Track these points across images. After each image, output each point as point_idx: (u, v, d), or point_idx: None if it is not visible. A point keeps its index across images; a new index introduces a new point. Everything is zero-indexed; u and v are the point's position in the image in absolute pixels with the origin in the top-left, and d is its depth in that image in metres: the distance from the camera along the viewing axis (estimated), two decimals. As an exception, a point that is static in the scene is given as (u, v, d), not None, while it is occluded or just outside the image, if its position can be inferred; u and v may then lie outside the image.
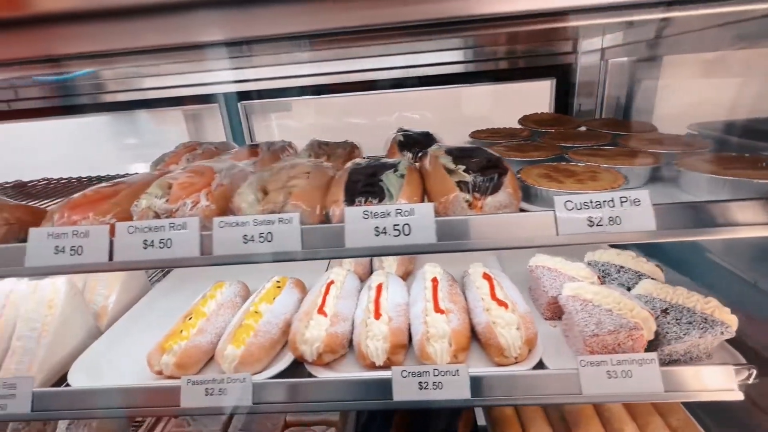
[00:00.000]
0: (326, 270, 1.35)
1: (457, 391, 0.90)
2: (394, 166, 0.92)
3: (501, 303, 1.05)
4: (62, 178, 1.77)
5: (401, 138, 1.20)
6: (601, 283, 1.10)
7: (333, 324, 1.05)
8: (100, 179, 1.69)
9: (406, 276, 1.39)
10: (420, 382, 0.91)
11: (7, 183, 1.72)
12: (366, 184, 0.84)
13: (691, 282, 1.18)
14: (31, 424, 1.26)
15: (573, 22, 0.78)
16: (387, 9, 0.64)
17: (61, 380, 1.08)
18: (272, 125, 2.25)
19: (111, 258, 0.80)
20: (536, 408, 1.25)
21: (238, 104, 1.88)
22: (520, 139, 1.33)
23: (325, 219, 0.84)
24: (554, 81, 1.75)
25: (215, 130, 2.19)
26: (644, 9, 0.67)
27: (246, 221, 0.79)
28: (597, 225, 0.74)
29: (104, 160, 2.99)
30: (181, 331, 1.07)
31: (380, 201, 0.81)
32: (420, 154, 1.15)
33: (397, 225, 0.77)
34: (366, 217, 0.77)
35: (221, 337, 1.10)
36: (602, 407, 1.18)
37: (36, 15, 0.62)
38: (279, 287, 1.23)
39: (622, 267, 1.12)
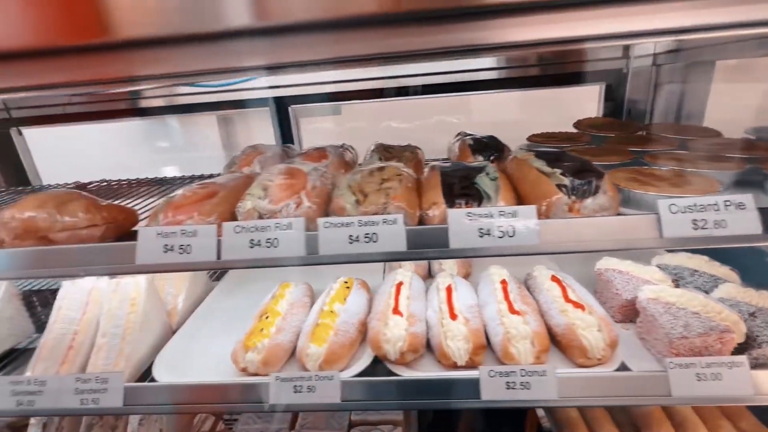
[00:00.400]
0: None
1: (544, 391, 0.92)
2: (481, 170, 0.94)
3: (577, 305, 1.06)
4: (121, 180, 1.81)
5: (471, 142, 1.22)
6: (676, 287, 1.10)
7: (411, 324, 1.06)
8: (162, 181, 1.72)
9: (465, 278, 1.40)
10: (507, 382, 0.93)
11: (68, 184, 1.77)
12: (462, 187, 0.86)
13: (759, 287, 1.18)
14: (104, 419, 1.29)
15: (621, 42, 0.77)
16: (425, 37, 0.64)
17: (143, 376, 1.11)
18: (312, 128, 2.29)
19: (219, 257, 0.83)
20: (602, 410, 1.26)
21: (289, 108, 1.92)
22: (582, 143, 1.35)
23: (420, 221, 0.86)
24: (603, 86, 1.77)
25: (263, 132, 2.24)
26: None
27: (351, 222, 0.81)
28: (702, 228, 0.75)
29: (140, 162, 3.06)
30: (261, 329, 1.09)
31: (479, 203, 0.83)
32: (492, 158, 1.18)
33: (501, 227, 0.79)
34: (470, 218, 0.79)
35: (298, 335, 1.12)
36: (672, 410, 1.18)
37: (120, 41, 0.64)
38: (348, 288, 1.25)
39: (696, 270, 1.12)
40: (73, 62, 0.67)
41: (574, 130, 1.55)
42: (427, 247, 0.81)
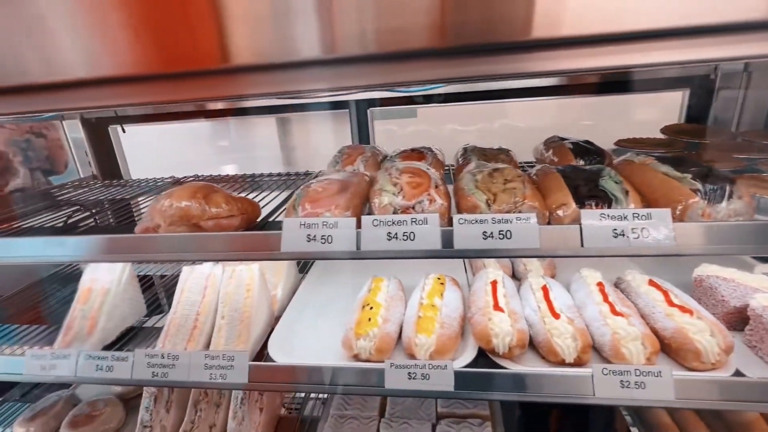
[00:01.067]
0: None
1: (660, 391, 0.93)
2: (600, 173, 0.96)
3: (684, 309, 1.07)
4: (210, 175, 1.94)
5: (570, 146, 1.25)
6: (787, 296, 1.09)
7: (515, 321, 1.10)
8: (254, 176, 1.82)
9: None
10: (621, 381, 0.95)
11: (165, 178, 1.91)
12: (589, 189, 0.89)
13: None
14: (210, 395, 1.39)
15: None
16: (496, 65, 0.69)
17: (255, 358, 1.20)
18: (384, 130, 2.36)
19: (358, 248, 0.90)
20: (695, 416, 1.25)
21: (367, 111, 2.00)
22: (676, 149, 1.34)
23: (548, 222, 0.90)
24: (687, 91, 1.74)
25: (341, 133, 2.34)
26: None
27: (485, 219, 0.86)
28: None
29: (205, 160, 3.24)
30: (369, 318, 1.16)
31: (609, 205, 0.86)
32: (593, 162, 1.20)
33: (635, 228, 0.81)
34: (603, 219, 0.83)
35: (400, 326, 1.18)
36: (776, 422, 1.16)
37: (234, 67, 0.75)
38: (442, 284, 1.30)
39: (808, 280, 1.10)
40: (198, 83, 0.78)
41: (661, 136, 1.54)
42: (558, 246, 0.84)
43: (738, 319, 1.11)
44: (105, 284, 1.34)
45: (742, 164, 1.12)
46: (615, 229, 0.82)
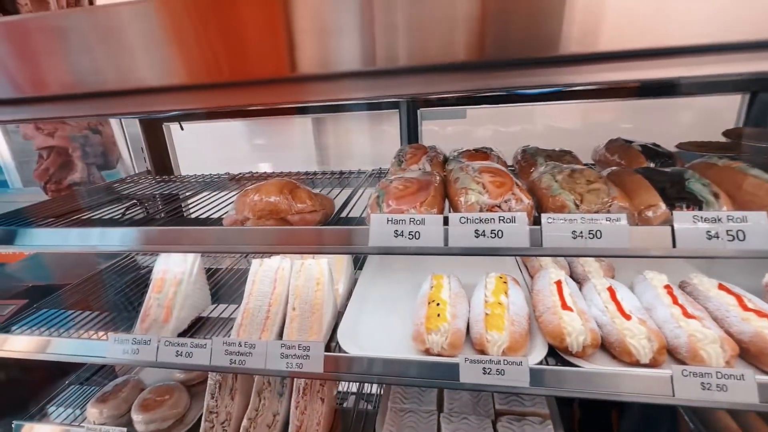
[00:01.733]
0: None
1: (743, 394, 0.93)
2: (682, 175, 0.97)
3: (761, 314, 1.07)
4: (264, 173, 2.00)
5: (639, 148, 1.25)
6: None
7: (585, 320, 1.11)
8: (308, 174, 1.87)
9: (609, 281, 1.43)
10: (702, 383, 0.95)
11: (222, 174, 1.98)
12: (677, 191, 0.90)
13: None
14: (273, 384, 1.44)
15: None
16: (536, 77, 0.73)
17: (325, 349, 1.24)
18: (426, 131, 2.39)
19: (446, 244, 0.93)
20: (761, 422, 1.24)
21: (417, 111, 2.03)
22: (745, 153, 1.33)
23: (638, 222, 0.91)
24: (747, 95, 1.72)
25: (381, 135, 2.38)
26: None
27: (574, 218, 0.88)
28: None
29: (244, 158, 3.32)
30: (437, 314, 1.19)
31: (700, 207, 0.87)
32: (664, 164, 1.20)
33: (730, 230, 0.82)
34: (696, 221, 0.83)
35: (466, 322, 1.21)
36: None
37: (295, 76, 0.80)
38: (504, 282, 1.32)
39: None
40: (262, 90, 0.84)
41: (723, 140, 1.52)
42: (649, 246, 0.86)
43: (816, 326, 1.10)
44: (177, 275, 1.40)
45: (822, 169, 1.10)
46: (709, 231, 0.83)
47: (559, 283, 1.27)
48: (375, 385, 1.77)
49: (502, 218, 0.91)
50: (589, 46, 0.68)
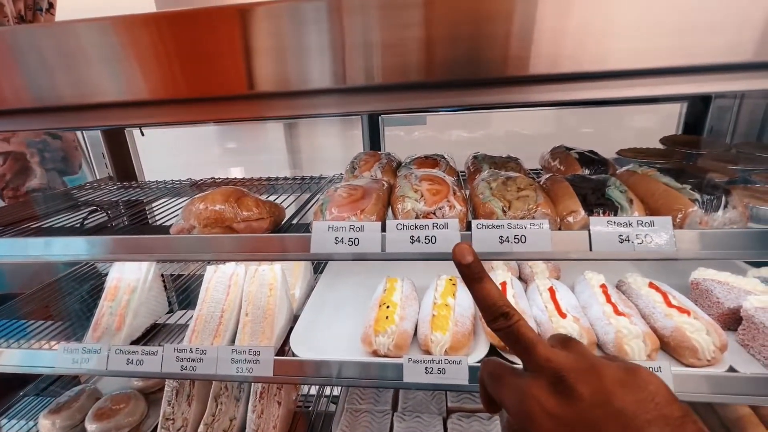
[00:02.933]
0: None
1: (660, 386, 1.01)
2: (605, 182, 1.04)
3: (682, 310, 1.15)
4: (226, 178, 2.00)
5: (576, 155, 1.33)
6: (777, 298, 1.17)
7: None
8: (269, 180, 1.88)
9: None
10: (624, 376, 1.02)
11: (184, 180, 1.97)
12: (596, 197, 0.97)
13: None
14: (230, 389, 1.45)
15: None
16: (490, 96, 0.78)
17: (278, 353, 1.27)
18: (392, 136, 2.44)
19: (383, 249, 0.97)
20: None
21: (379, 117, 2.07)
22: (675, 160, 1.42)
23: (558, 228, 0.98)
24: (685, 104, 1.83)
25: (352, 139, 2.41)
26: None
27: (501, 224, 0.93)
28: (831, 243, 0.83)
29: (214, 162, 3.30)
30: (386, 317, 1.23)
31: (615, 213, 0.94)
32: (599, 172, 1.28)
33: (639, 234, 0.89)
34: (609, 225, 0.90)
35: (415, 324, 1.25)
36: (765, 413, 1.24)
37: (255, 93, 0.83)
38: (453, 284, 1.38)
39: (796, 284, 1.18)
40: (221, 106, 0.87)
41: (660, 146, 1.62)
42: (569, 249, 0.92)
43: (732, 320, 1.19)
44: (131, 282, 1.40)
45: (736, 175, 1.20)
46: (621, 235, 0.89)
47: (503, 285, 1.33)
48: (341, 387, 1.80)
49: (435, 225, 0.95)
50: (532, 69, 0.73)
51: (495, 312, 0.52)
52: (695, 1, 0.66)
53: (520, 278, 1.55)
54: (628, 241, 0.89)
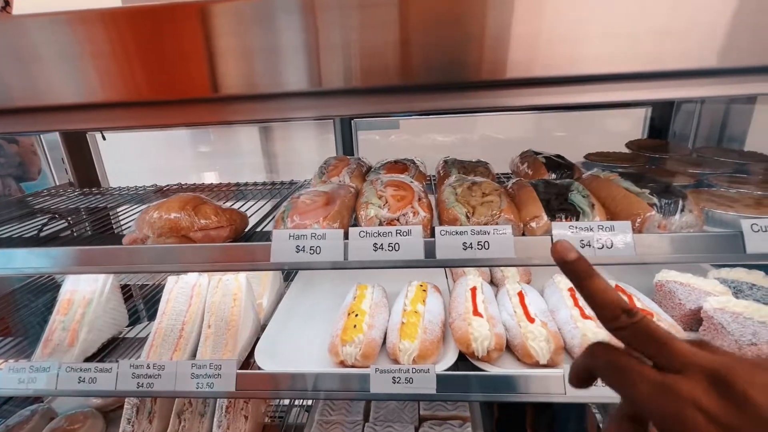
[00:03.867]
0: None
1: (624, 389, 1.01)
2: (569, 187, 1.04)
3: (646, 312, 1.16)
4: (193, 184, 1.93)
5: (543, 160, 1.33)
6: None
7: (493, 325, 1.16)
8: (239, 185, 1.83)
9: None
10: (590, 380, 1.02)
11: (147, 186, 1.90)
12: (559, 203, 0.97)
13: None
14: (194, 404, 1.39)
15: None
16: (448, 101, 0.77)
17: (242, 366, 1.22)
18: (367, 140, 2.42)
19: (346, 258, 0.94)
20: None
21: (351, 121, 2.04)
22: (639, 164, 1.45)
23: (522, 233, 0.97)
24: (649, 109, 1.88)
25: (330, 143, 2.38)
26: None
27: (464, 230, 0.92)
28: (781, 245, 0.85)
29: (187, 167, 3.21)
30: (354, 325, 1.20)
31: (577, 218, 0.94)
32: (565, 176, 1.29)
33: (600, 239, 0.89)
34: (572, 231, 0.90)
35: (384, 332, 1.23)
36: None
37: (222, 96, 0.79)
38: (424, 291, 1.36)
39: (754, 284, 1.22)
40: (188, 109, 0.82)
41: (627, 151, 1.66)
42: (532, 255, 0.91)
43: (694, 320, 1.21)
44: (86, 294, 1.33)
45: (695, 179, 1.23)
46: (582, 240, 0.89)
47: (474, 290, 1.32)
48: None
49: (399, 231, 0.93)
50: (503, 74, 0.72)
51: (616, 309, 0.46)
52: (663, 9, 0.66)
53: (492, 282, 1.55)
54: (590, 246, 0.89)
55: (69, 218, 1.48)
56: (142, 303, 1.80)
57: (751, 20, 0.66)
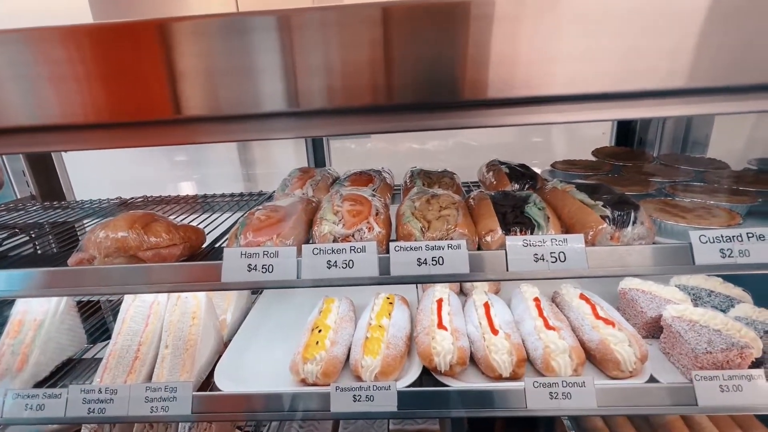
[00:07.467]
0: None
1: (584, 401, 1.01)
2: (527, 199, 1.04)
3: (608, 322, 1.17)
4: (159, 196, 1.89)
5: (506, 170, 1.34)
6: (695, 306, 1.21)
7: (457, 339, 1.15)
8: (206, 197, 1.79)
9: (495, 294, 1.50)
10: (551, 393, 1.02)
11: (111, 199, 1.84)
12: (515, 216, 0.97)
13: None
14: (155, 426, 1.34)
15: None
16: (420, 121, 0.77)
17: (203, 385, 1.18)
18: (342, 148, 2.41)
19: (299, 276, 0.92)
20: (626, 420, 1.35)
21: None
22: (604, 172, 1.47)
23: (478, 246, 0.97)
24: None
25: (281, 149, 2.36)
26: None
27: (419, 246, 0.91)
28: (729, 257, 0.86)
29: (162, 177, 3.13)
30: (316, 342, 1.17)
31: (532, 231, 0.94)
32: (527, 186, 1.29)
33: (554, 253, 0.89)
34: (525, 245, 0.90)
35: (348, 348, 1.21)
36: (692, 420, 1.28)
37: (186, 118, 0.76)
38: (391, 303, 1.34)
39: (712, 291, 1.24)
40: (154, 130, 0.79)
41: (593, 158, 1.67)
42: (486, 270, 0.91)
43: (655, 328, 1.22)
44: (38, 316, 1.27)
45: (654, 188, 1.24)
46: (536, 254, 0.89)
47: (440, 302, 1.31)
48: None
49: (353, 248, 0.92)
50: (481, 94, 0.71)
51: None
52: (637, 32, 0.66)
53: (462, 292, 1.55)
54: (543, 260, 0.89)
55: (22, 234, 1.42)
56: (111, 317, 1.74)
57: (712, 41, 0.66)
